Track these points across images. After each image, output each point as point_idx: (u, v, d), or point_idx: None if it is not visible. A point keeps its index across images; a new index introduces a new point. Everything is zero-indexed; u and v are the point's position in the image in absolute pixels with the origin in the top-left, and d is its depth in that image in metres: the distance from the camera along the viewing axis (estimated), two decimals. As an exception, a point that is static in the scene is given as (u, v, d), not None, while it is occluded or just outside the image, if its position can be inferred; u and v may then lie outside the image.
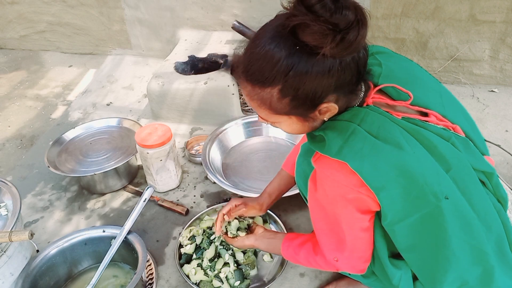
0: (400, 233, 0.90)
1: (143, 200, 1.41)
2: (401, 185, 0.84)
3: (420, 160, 0.85)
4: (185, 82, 2.05)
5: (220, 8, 2.40)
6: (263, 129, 2.01)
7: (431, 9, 2.12)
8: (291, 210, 1.62)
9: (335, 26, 0.73)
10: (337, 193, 0.88)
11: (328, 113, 0.87)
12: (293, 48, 0.78)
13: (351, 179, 0.84)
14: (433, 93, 1.01)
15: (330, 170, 0.86)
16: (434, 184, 0.84)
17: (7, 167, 2.00)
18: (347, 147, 0.84)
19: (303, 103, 0.83)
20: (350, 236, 0.95)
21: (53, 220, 1.68)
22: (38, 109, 2.44)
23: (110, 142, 1.83)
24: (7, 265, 1.22)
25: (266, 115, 0.90)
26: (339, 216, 0.92)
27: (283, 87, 0.81)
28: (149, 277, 1.39)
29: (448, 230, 0.86)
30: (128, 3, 2.57)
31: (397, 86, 0.94)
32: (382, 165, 0.83)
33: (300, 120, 0.90)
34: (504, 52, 2.16)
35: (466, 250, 0.89)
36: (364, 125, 0.87)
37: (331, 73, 0.79)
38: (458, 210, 0.87)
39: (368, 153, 0.83)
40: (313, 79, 0.79)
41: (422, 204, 0.85)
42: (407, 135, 0.87)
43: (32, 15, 2.83)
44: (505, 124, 2.04)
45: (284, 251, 1.17)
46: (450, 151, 0.91)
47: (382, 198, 0.84)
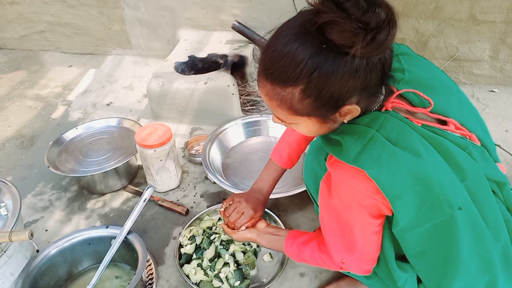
0: (410, 240, 0.89)
1: (143, 200, 1.41)
2: (417, 194, 0.82)
3: (438, 169, 0.84)
4: (185, 82, 2.05)
5: (220, 8, 2.40)
6: (263, 129, 2.01)
7: (431, 9, 2.12)
8: (291, 210, 1.62)
9: (366, 25, 0.70)
10: (352, 199, 0.86)
11: (349, 115, 0.84)
12: (319, 47, 0.74)
13: (367, 186, 0.82)
14: (453, 100, 0.99)
15: (346, 175, 0.84)
16: (450, 194, 0.83)
17: (7, 167, 2.00)
18: (365, 154, 0.81)
19: (325, 104, 0.80)
20: (361, 240, 0.94)
21: (53, 220, 1.68)
22: (38, 109, 2.44)
23: (110, 142, 1.83)
24: (7, 265, 1.22)
25: (284, 115, 0.86)
26: (353, 221, 0.91)
27: (306, 87, 0.77)
28: (149, 277, 1.39)
29: (459, 240, 0.86)
30: (128, 3, 2.57)
31: (418, 92, 0.92)
32: (400, 173, 0.81)
33: (319, 122, 0.86)
34: (504, 52, 2.16)
35: (475, 259, 0.89)
36: (383, 131, 0.84)
37: (358, 74, 0.75)
38: (470, 221, 0.87)
39: (386, 161, 0.80)
40: (338, 80, 0.75)
41: (437, 213, 0.84)
42: (426, 143, 0.85)
43: (32, 15, 2.83)
44: (505, 124, 2.04)
45: (287, 248, 1.15)
46: (467, 161, 0.89)
47: (397, 207, 0.83)
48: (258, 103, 2.24)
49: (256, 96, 2.25)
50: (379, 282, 1.10)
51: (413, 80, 0.94)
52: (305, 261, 1.12)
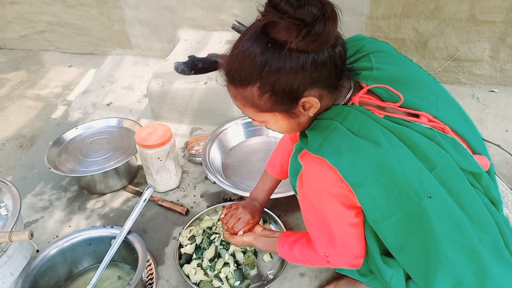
0: (386, 233, 0.91)
1: (143, 200, 1.41)
2: (381, 183, 0.85)
3: (400, 158, 0.86)
4: (185, 82, 2.05)
5: (220, 8, 2.40)
6: (263, 129, 2.01)
7: (431, 9, 2.12)
8: (291, 210, 1.62)
9: (301, 21, 0.77)
10: (321, 188, 0.90)
11: (312, 109, 0.89)
12: (265, 46, 0.82)
13: (332, 175, 0.86)
14: (427, 94, 1.00)
15: (313, 165, 0.89)
16: (415, 183, 0.85)
17: (7, 167, 2.00)
18: (326, 144, 0.87)
19: (282, 98, 0.86)
20: (338, 231, 0.96)
21: (53, 220, 1.68)
22: (38, 109, 2.44)
23: (110, 142, 1.83)
24: (7, 265, 1.22)
25: (252, 114, 0.94)
26: (326, 211, 0.94)
27: (261, 84, 0.85)
28: (149, 277, 1.39)
29: (434, 230, 0.87)
30: (128, 3, 2.57)
31: (387, 87, 0.95)
32: (360, 162, 0.84)
33: (285, 117, 0.92)
34: (504, 52, 2.16)
35: (457, 250, 0.89)
36: (346, 123, 0.89)
37: (304, 68, 0.82)
38: (444, 209, 0.88)
39: (346, 149, 0.85)
40: (287, 74, 0.82)
41: (404, 202, 0.86)
42: (388, 133, 0.88)
43: (32, 15, 2.83)
44: (505, 124, 2.04)
45: (279, 247, 1.18)
46: (435, 150, 0.91)
47: (360, 195, 0.86)
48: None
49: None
50: (376, 280, 1.10)
51: (382, 77, 0.98)
52: (296, 259, 1.13)
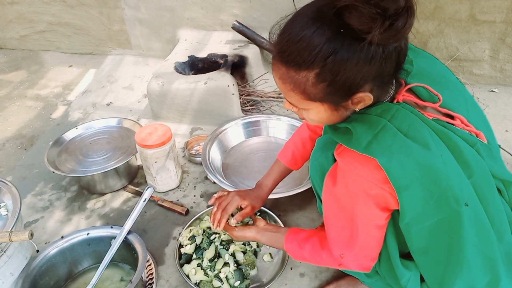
0: (416, 235, 0.89)
1: (143, 200, 1.41)
2: (424, 187, 0.82)
3: (446, 163, 0.83)
4: (185, 82, 2.05)
5: (220, 8, 2.40)
6: (263, 129, 2.01)
7: (431, 9, 2.12)
8: (291, 210, 1.62)
9: (385, 11, 0.70)
10: (359, 188, 0.85)
11: (361, 104, 0.84)
12: (337, 31, 0.74)
13: (376, 175, 0.81)
14: (459, 97, 0.99)
15: (355, 164, 0.83)
16: (457, 189, 0.83)
17: (7, 167, 2.00)
18: (376, 142, 0.81)
19: (339, 90, 0.80)
20: (363, 233, 0.93)
21: (53, 220, 1.68)
22: (38, 109, 2.44)
23: (110, 142, 1.83)
24: (7, 265, 1.22)
25: (297, 100, 0.86)
26: (357, 211, 0.90)
27: (321, 71, 0.77)
28: (149, 277, 1.39)
29: (464, 237, 0.85)
30: (128, 3, 2.57)
31: (427, 86, 0.92)
32: (409, 164, 0.80)
33: (331, 108, 0.86)
34: (504, 52, 2.16)
35: (479, 258, 0.89)
36: (395, 121, 0.84)
37: (373, 61, 0.76)
38: (476, 218, 0.86)
39: (397, 151, 0.80)
40: (354, 66, 0.75)
41: (443, 208, 0.84)
42: (435, 137, 0.86)
43: (32, 15, 2.83)
44: (505, 124, 2.04)
45: (287, 244, 1.14)
46: (474, 157, 0.89)
47: (403, 198, 0.82)
48: (258, 103, 2.24)
49: (256, 96, 2.25)
50: (380, 281, 1.10)
51: (421, 73, 0.94)
52: (304, 257, 1.11)
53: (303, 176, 1.72)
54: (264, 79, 2.35)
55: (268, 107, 2.23)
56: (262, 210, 1.56)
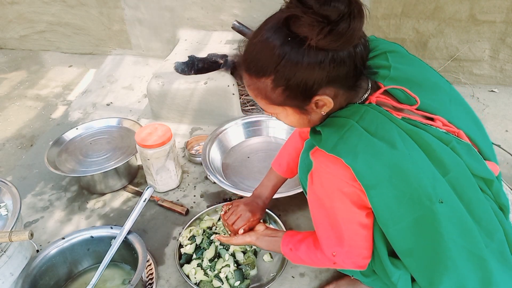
0: (395, 237, 0.91)
1: (143, 200, 1.41)
2: (394, 186, 0.84)
3: (415, 162, 0.85)
4: (185, 82, 2.05)
5: (220, 8, 2.40)
6: (263, 129, 2.01)
7: (431, 9, 2.12)
8: (291, 210, 1.62)
9: (325, 18, 0.74)
10: (333, 186, 0.89)
11: (324, 107, 0.88)
12: (285, 39, 0.79)
13: (345, 173, 0.84)
14: (442, 98, 0.99)
15: (326, 163, 0.87)
16: (428, 187, 0.84)
17: (7, 167, 2.00)
18: (342, 143, 0.85)
19: (295, 94, 0.84)
20: (348, 231, 0.95)
21: (53, 220, 1.68)
22: (38, 109, 2.44)
23: (110, 142, 1.83)
24: (7, 265, 1.22)
25: (264, 105, 0.92)
26: (336, 209, 0.93)
27: (275, 77, 0.83)
28: (149, 277, 1.39)
29: (443, 235, 0.86)
30: (128, 3, 2.57)
31: (405, 89, 0.94)
32: (376, 164, 0.83)
33: (296, 112, 0.91)
34: (504, 52, 2.16)
35: (464, 256, 0.89)
36: (362, 122, 0.87)
37: (322, 66, 0.79)
38: (454, 215, 0.87)
39: (362, 150, 0.83)
40: (303, 70, 0.80)
41: (416, 206, 0.85)
42: (404, 136, 0.87)
43: (32, 15, 2.83)
44: (505, 124, 2.04)
45: (283, 247, 1.15)
46: (449, 155, 0.90)
47: (372, 197, 0.85)
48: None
49: (256, 96, 2.25)
50: (378, 281, 1.10)
51: (400, 77, 0.96)
52: (301, 259, 1.12)
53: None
54: (264, 79, 2.35)
55: (268, 107, 2.23)
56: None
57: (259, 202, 1.37)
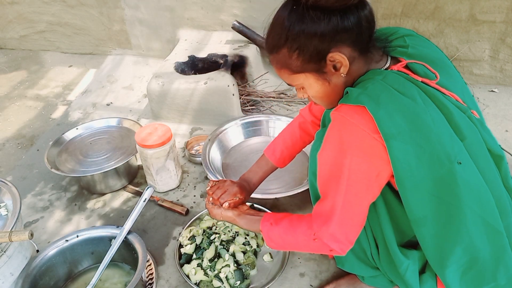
0: (413, 202, 0.88)
1: (143, 200, 1.41)
2: (415, 142, 0.83)
3: (435, 120, 0.86)
4: (185, 82, 2.05)
5: (220, 8, 2.40)
6: (263, 129, 2.01)
7: (431, 9, 2.12)
8: (291, 210, 1.62)
9: None
10: (354, 137, 0.86)
11: (342, 68, 0.90)
12: (291, 9, 0.88)
13: (368, 124, 0.84)
14: (457, 81, 1.01)
15: (350, 113, 0.86)
16: (448, 146, 0.84)
17: (7, 167, 2.00)
18: (365, 93, 0.86)
19: (310, 55, 0.89)
20: (350, 197, 0.89)
21: (53, 220, 1.68)
22: (38, 109, 2.44)
23: (110, 142, 1.83)
24: (7, 265, 1.22)
25: (287, 77, 0.97)
26: (348, 168, 0.87)
27: (288, 44, 0.89)
28: (149, 277, 1.39)
29: (461, 199, 0.85)
30: (128, 3, 2.57)
31: (425, 64, 0.96)
32: (397, 115, 0.84)
33: (317, 78, 0.93)
34: (504, 52, 2.16)
35: (479, 225, 0.88)
36: (385, 80, 0.89)
37: (327, 21, 0.85)
38: (472, 180, 0.86)
39: (385, 100, 0.85)
40: (310, 30, 0.86)
41: (435, 165, 0.84)
42: (424, 96, 0.89)
43: (32, 15, 2.84)
44: (505, 124, 2.04)
45: (263, 222, 1.09)
46: (466, 122, 0.91)
47: (392, 148, 0.83)
48: (258, 103, 2.24)
49: (256, 96, 2.25)
50: (380, 278, 1.10)
51: (418, 55, 0.98)
52: (279, 236, 1.05)
53: (303, 176, 1.72)
54: (264, 79, 2.35)
55: (268, 107, 2.23)
56: (262, 210, 1.56)
57: (245, 184, 1.33)
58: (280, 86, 2.36)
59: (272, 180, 1.73)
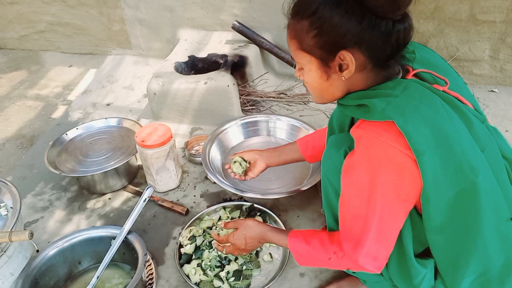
0: (432, 212, 0.87)
1: (143, 200, 1.41)
2: (441, 155, 0.81)
3: (459, 132, 0.84)
4: (185, 82, 2.05)
5: (220, 8, 2.40)
6: (263, 129, 2.01)
7: (431, 9, 2.12)
8: (291, 210, 1.62)
9: None
10: (384, 156, 0.84)
11: (346, 71, 0.88)
12: None
13: (398, 140, 0.81)
14: (461, 85, 1.01)
15: (378, 130, 0.83)
16: (471, 159, 0.83)
17: (7, 167, 2.00)
18: (390, 107, 0.83)
19: (324, 42, 0.86)
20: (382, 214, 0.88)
21: (53, 220, 1.68)
22: (38, 109, 2.44)
23: (110, 142, 1.83)
24: (7, 265, 1.22)
25: (294, 50, 0.94)
26: (380, 189, 0.86)
27: (312, 19, 0.86)
28: (149, 277, 1.39)
29: (480, 211, 0.85)
30: (128, 3, 2.57)
31: (433, 72, 0.95)
32: (424, 129, 0.81)
33: (319, 68, 0.91)
34: (504, 52, 2.16)
35: (493, 236, 0.88)
36: (407, 92, 0.87)
37: (358, 20, 0.81)
38: (491, 192, 0.86)
39: (411, 114, 0.81)
40: (339, 18, 0.82)
41: (460, 179, 0.83)
42: (447, 107, 0.87)
43: (32, 15, 2.84)
44: (505, 124, 2.04)
45: (291, 239, 1.09)
46: (484, 132, 0.90)
47: (423, 164, 0.81)
48: (258, 103, 2.24)
49: (256, 96, 2.25)
50: (383, 283, 1.09)
51: (426, 60, 0.97)
52: (310, 254, 1.05)
53: (303, 176, 1.72)
54: (264, 79, 2.35)
55: (268, 107, 2.23)
56: (262, 210, 1.56)
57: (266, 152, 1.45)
58: (280, 86, 2.36)
59: (272, 180, 1.73)
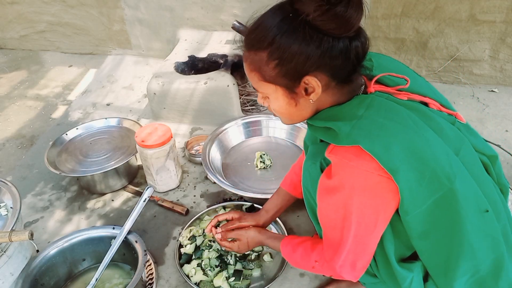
0: (413, 222, 0.87)
1: (143, 200, 1.41)
2: (414, 168, 0.82)
3: (429, 142, 0.84)
4: (185, 82, 2.05)
5: (220, 8, 2.40)
6: (263, 129, 2.01)
7: (431, 9, 2.12)
8: (291, 210, 1.62)
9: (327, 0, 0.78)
10: (356, 181, 0.85)
11: (313, 94, 0.88)
12: (287, 15, 0.83)
13: (369, 163, 0.81)
14: (422, 82, 1.02)
15: (349, 156, 0.84)
16: (446, 166, 0.83)
17: (7, 167, 2.00)
18: (355, 131, 0.83)
19: (287, 71, 0.85)
20: (357, 231, 0.90)
21: (53, 220, 1.68)
22: (38, 109, 2.44)
23: (110, 142, 1.83)
24: (7, 265, 1.22)
25: (256, 82, 0.92)
26: (352, 209, 0.88)
27: (271, 49, 0.84)
28: (149, 277, 1.39)
29: (461, 214, 0.85)
30: (128, 3, 2.57)
31: (392, 74, 0.95)
32: (393, 146, 0.81)
33: (285, 95, 0.90)
34: (504, 52, 2.16)
35: (480, 236, 0.88)
36: (371, 109, 0.87)
37: (316, 45, 0.81)
38: (471, 195, 0.86)
39: (377, 134, 0.82)
40: (298, 45, 0.82)
41: (436, 187, 0.83)
42: (414, 117, 0.87)
43: (32, 15, 2.84)
44: (505, 124, 2.04)
45: (283, 247, 1.16)
46: (456, 134, 0.90)
47: (399, 181, 0.81)
48: (258, 103, 2.24)
49: (256, 96, 2.25)
50: (381, 284, 1.09)
51: (383, 66, 0.98)
52: (297, 262, 1.12)
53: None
54: (264, 79, 2.35)
55: (268, 107, 2.23)
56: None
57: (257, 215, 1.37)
58: (280, 86, 2.36)
59: (272, 180, 1.73)
